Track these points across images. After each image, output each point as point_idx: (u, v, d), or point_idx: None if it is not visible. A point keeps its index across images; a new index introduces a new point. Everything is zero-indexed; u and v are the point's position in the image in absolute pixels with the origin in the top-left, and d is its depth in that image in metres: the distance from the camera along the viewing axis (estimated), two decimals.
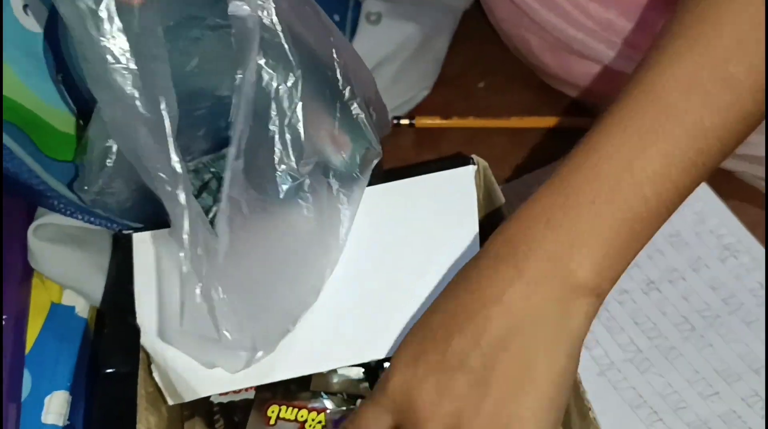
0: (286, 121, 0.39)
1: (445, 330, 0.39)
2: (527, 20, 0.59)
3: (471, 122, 0.67)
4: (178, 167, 0.35)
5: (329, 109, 0.43)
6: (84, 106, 0.50)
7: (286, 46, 0.39)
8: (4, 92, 0.47)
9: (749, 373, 0.52)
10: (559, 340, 0.38)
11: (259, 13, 0.37)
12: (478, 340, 0.38)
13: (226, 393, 0.48)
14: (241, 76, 0.37)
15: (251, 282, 0.40)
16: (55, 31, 0.49)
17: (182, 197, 0.36)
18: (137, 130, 0.34)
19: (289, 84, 0.39)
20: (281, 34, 0.38)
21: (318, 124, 0.42)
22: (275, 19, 0.38)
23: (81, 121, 0.50)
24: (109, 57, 0.33)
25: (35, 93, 0.49)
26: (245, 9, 0.37)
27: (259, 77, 0.38)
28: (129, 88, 0.33)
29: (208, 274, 0.37)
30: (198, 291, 0.37)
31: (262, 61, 0.38)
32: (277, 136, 0.40)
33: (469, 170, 0.48)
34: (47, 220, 0.50)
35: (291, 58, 0.39)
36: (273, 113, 0.39)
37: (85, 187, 0.45)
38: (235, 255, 0.39)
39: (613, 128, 0.39)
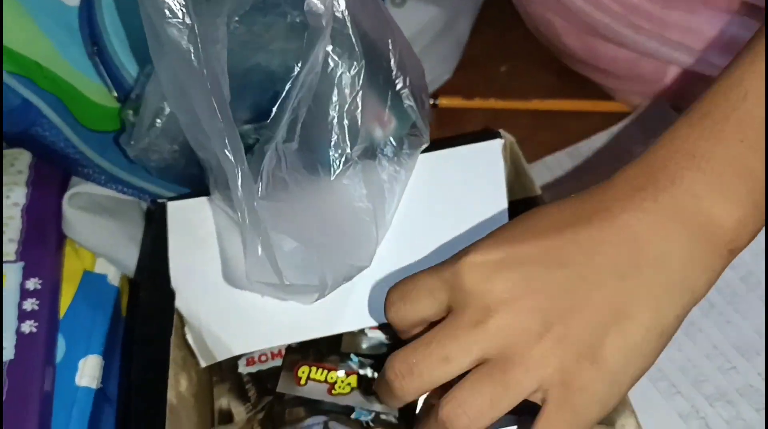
0: (346, 107, 0.41)
1: (556, 230, 0.35)
2: (553, 2, 0.59)
3: (493, 103, 0.68)
4: (232, 125, 0.36)
5: (382, 97, 0.44)
6: (117, 80, 0.51)
7: (353, 37, 0.40)
8: (43, 63, 0.49)
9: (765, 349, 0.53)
10: (677, 295, 0.34)
11: (333, 4, 0.39)
12: (592, 255, 0.34)
13: (254, 363, 0.49)
14: (306, 62, 0.39)
15: (307, 240, 0.41)
16: (91, 5, 0.50)
17: (237, 156, 0.37)
18: (192, 86, 0.35)
19: (352, 73, 0.41)
20: (349, 26, 0.40)
21: (371, 110, 0.43)
22: (345, 11, 0.40)
23: (114, 94, 0.52)
24: (167, 12, 0.34)
25: (72, 65, 0.51)
26: (319, 5, 0.38)
27: (325, 63, 0.39)
28: (185, 43, 0.34)
29: (266, 227, 0.38)
30: (259, 244, 0.38)
31: (329, 48, 0.39)
32: (336, 121, 0.41)
33: (497, 144, 0.49)
34: (81, 189, 0.51)
35: (356, 49, 0.41)
36: (334, 99, 0.41)
37: (132, 142, 0.46)
38: (289, 213, 0.40)
39: (756, 59, 0.35)
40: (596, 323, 0.34)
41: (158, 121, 0.44)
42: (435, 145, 0.50)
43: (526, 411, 0.35)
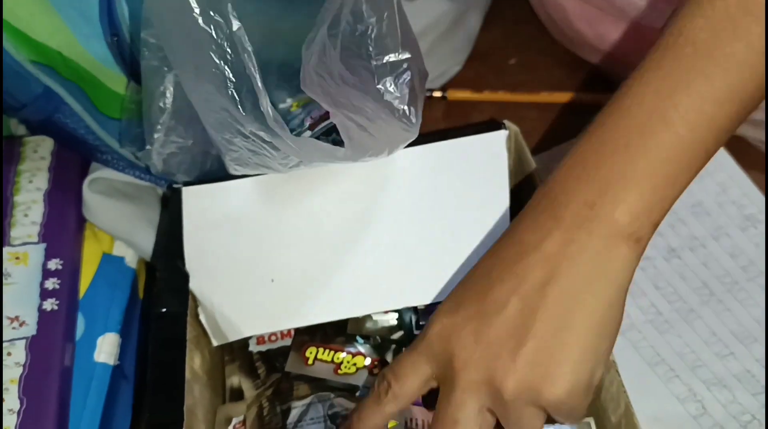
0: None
1: (486, 280, 0.40)
2: None
3: (502, 96, 0.69)
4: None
5: None
6: (135, 69, 0.53)
7: None
8: (65, 53, 0.51)
9: (765, 335, 0.54)
10: (599, 287, 0.38)
11: None
12: (517, 288, 0.38)
13: (264, 342, 0.51)
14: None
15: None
16: None
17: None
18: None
19: None
20: None
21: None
22: None
23: (132, 83, 0.53)
24: None
25: (92, 55, 0.52)
26: None
27: None
28: None
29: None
30: None
31: None
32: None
33: (501, 135, 0.50)
34: (101, 174, 0.53)
35: None
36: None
37: (148, 147, 0.48)
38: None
39: (645, 73, 0.39)
40: (542, 346, 0.38)
41: (165, 111, 0.45)
42: (440, 135, 0.51)
43: None
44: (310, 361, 0.47)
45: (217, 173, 0.49)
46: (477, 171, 0.49)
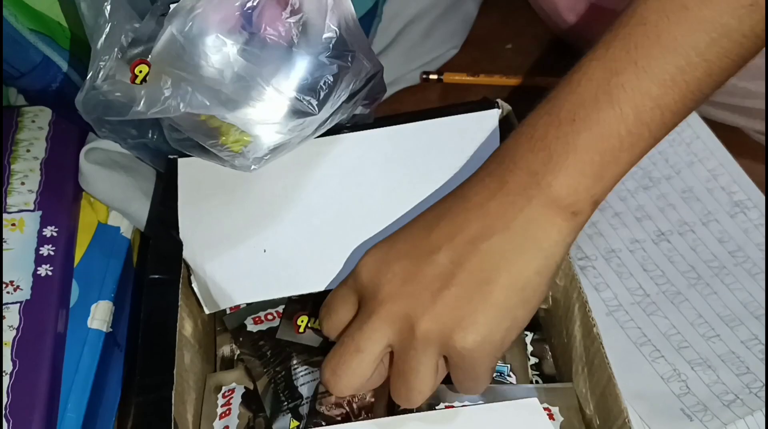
0: None
1: (425, 226, 0.41)
2: None
3: (497, 80, 0.70)
4: None
5: None
6: None
7: None
8: (64, 23, 0.51)
9: (751, 319, 0.54)
10: (528, 253, 0.39)
11: None
12: (452, 237, 0.40)
13: (261, 322, 0.52)
14: None
15: None
16: None
17: None
18: None
19: None
20: None
21: None
22: None
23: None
24: None
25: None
26: None
27: None
28: None
29: None
30: None
31: None
32: None
33: (494, 113, 0.51)
34: (97, 145, 0.54)
35: None
36: None
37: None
38: None
39: (598, 50, 0.40)
40: (465, 294, 0.39)
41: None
42: (434, 113, 0.52)
43: None
44: (301, 329, 0.47)
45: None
46: (470, 148, 0.50)
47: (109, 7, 0.45)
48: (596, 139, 0.39)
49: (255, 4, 0.45)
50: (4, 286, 0.48)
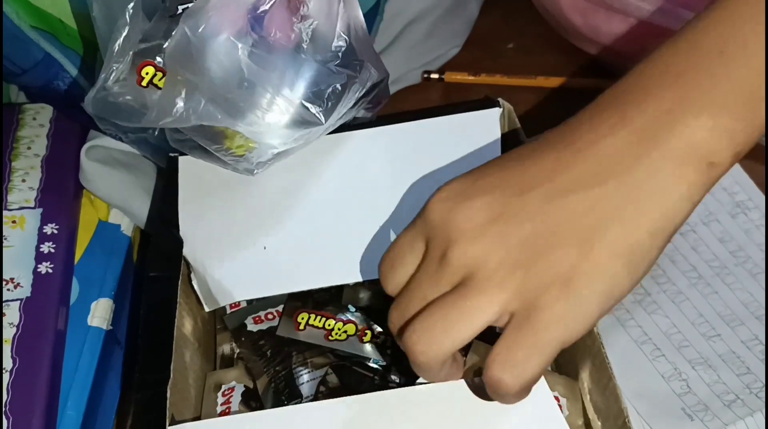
0: None
1: (519, 159, 0.34)
2: None
3: (499, 79, 0.70)
4: None
5: None
6: None
7: None
8: (66, 21, 0.51)
9: (751, 319, 0.54)
10: (645, 208, 0.32)
11: None
12: (553, 177, 0.33)
13: (261, 321, 0.51)
14: None
15: None
16: None
17: None
18: None
19: None
20: None
21: None
22: None
23: None
24: None
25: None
26: None
27: None
28: None
29: None
30: None
31: None
32: None
33: (495, 112, 0.51)
34: (98, 142, 0.54)
35: None
36: None
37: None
38: None
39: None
40: (559, 246, 0.32)
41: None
42: (435, 111, 0.52)
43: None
44: (301, 327, 0.47)
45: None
46: (471, 146, 0.50)
47: (131, 11, 0.45)
48: (752, 72, 0.32)
49: (267, 7, 0.45)
50: (4, 283, 0.48)
